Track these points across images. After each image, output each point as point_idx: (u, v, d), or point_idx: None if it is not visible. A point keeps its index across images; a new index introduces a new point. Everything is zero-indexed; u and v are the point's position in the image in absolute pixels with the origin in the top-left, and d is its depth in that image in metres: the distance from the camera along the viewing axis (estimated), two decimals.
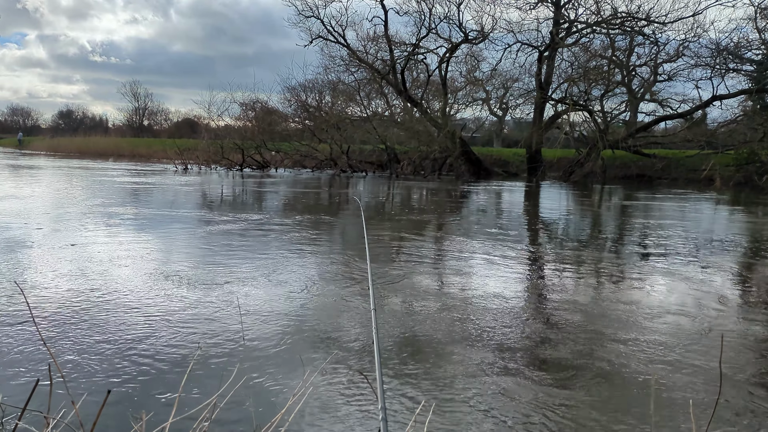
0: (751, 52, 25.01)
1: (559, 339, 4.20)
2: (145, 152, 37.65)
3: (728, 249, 8.71)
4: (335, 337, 4.08)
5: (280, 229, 9.17)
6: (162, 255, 6.79)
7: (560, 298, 5.39)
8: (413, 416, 2.87)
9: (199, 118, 39.02)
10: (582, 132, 28.31)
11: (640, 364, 3.74)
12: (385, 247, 7.86)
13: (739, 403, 3.22)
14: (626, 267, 7.07)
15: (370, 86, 28.48)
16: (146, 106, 64.36)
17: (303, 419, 2.87)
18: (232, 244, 7.65)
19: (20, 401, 2.31)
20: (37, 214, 9.74)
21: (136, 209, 11.03)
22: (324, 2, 27.30)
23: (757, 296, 5.83)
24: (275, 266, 6.27)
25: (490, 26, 26.71)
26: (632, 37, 26.36)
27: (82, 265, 6.05)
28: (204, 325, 4.23)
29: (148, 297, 4.91)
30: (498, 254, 7.49)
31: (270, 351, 3.77)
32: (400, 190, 19.30)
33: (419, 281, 5.91)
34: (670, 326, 4.58)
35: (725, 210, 15.89)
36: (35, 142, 53.75)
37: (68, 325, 4.12)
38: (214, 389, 3.09)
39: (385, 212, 12.63)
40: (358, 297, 5.15)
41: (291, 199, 14.96)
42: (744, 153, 24.48)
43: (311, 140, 28.33)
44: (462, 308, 4.92)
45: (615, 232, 10.74)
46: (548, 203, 16.71)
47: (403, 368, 3.55)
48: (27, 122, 77.61)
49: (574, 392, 3.30)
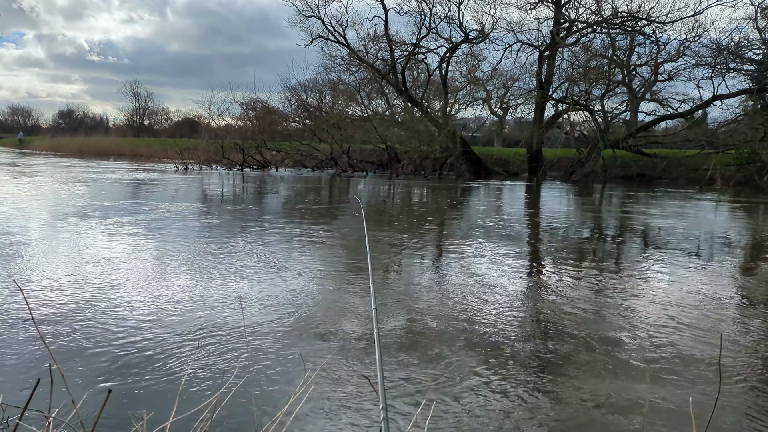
0: (751, 51, 25.04)
1: (557, 330, 4.20)
2: (146, 152, 37.65)
3: (728, 248, 8.71)
4: (335, 331, 4.08)
5: (280, 229, 9.17)
6: (161, 254, 6.78)
7: (560, 295, 5.39)
8: (414, 415, 2.87)
9: (199, 118, 39.04)
10: (582, 131, 28.30)
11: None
12: (384, 247, 7.86)
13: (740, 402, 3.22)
14: (626, 266, 7.07)
15: (370, 86, 28.48)
16: (146, 106, 64.36)
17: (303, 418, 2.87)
18: (232, 244, 7.66)
19: (20, 401, 2.31)
20: (38, 214, 9.75)
21: (135, 208, 11.04)
22: (324, 2, 27.37)
23: (757, 295, 5.83)
24: (276, 263, 6.27)
25: (491, 26, 26.72)
26: (633, 36, 26.37)
27: (81, 265, 6.05)
28: (204, 322, 4.23)
29: (148, 296, 4.91)
30: (498, 253, 7.49)
31: (271, 346, 3.77)
32: (401, 190, 19.30)
33: (419, 281, 5.90)
34: (670, 324, 4.58)
35: (725, 210, 15.87)
36: (35, 141, 53.75)
37: (68, 325, 4.12)
38: (214, 388, 3.09)
39: (385, 212, 12.62)
40: (357, 296, 5.15)
41: (291, 199, 14.96)
42: (744, 153, 24.47)
43: (312, 140, 28.33)
44: (468, 302, 4.92)
45: (615, 231, 10.73)
46: (549, 203, 16.70)
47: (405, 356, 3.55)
48: (27, 122, 77.62)
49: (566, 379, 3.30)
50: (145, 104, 64.11)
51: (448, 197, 16.95)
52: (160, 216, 10.09)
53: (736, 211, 15.38)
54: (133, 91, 63.35)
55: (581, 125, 28.42)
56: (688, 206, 15.90)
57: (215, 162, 27.29)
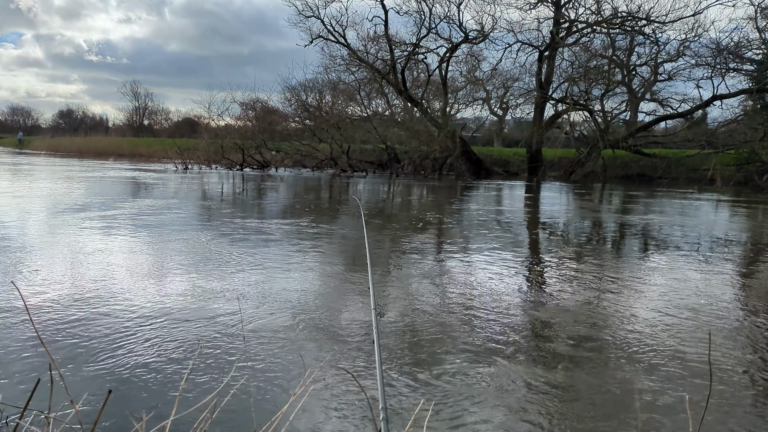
0: (751, 51, 25.04)
1: (555, 324, 4.20)
2: (146, 152, 37.65)
3: (729, 247, 8.71)
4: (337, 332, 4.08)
5: (280, 229, 9.17)
6: (160, 253, 6.79)
7: (559, 293, 5.39)
8: (413, 414, 2.87)
9: (199, 118, 39.05)
10: (582, 131, 28.31)
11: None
12: (384, 247, 7.86)
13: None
14: (627, 265, 7.07)
15: (370, 86, 28.48)
16: (146, 106, 64.32)
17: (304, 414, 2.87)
18: (232, 245, 7.66)
19: (21, 401, 2.32)
20: (37, 214, 9.74)
21: (135, 206, 11.04)
22: (324, 2, 27.36)
23: (757, 294, 5.83)
24: (278, 264, 6.28)
25: (491, 26, 26.71)
26: (632, 36, 26.38)
27: (81, 264, 6.05)
28: (204, 319, 4.23)
29: (148, 295, 4.91)
30: (498, 252, 7.49)
31: (272, 343, 3.77)
32: (401, 190, 19.30)
33: (418, 282, 5.90)
34: (669, 322, 4.58)
35: (725, 209, 15.88)
36: (35, 141, 53.71)
37: (69, 324, 4.12)
38: (214, 387, 3.09)
39: (385, 212, 12.62)
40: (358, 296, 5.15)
41: (291, 199, 14.96)
42: (744, 153, 24.47)
43: (311, 140, 28.33)
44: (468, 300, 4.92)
45: (615, 230, 10.72)
46: (549, 202, 16.70)
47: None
48: (27, 122, 77.58)
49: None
50: (145, 104, 64.13)
51: (449, 197, 16.94)
52: (159, 217, 10.09)
53: (736, 211, 15.38)
54: (133, 91, 63.36)
55: (581, 125, 28.45)
56: (689, 206, 15.90)
57: (215, 162, 27.29)
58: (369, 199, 15.51)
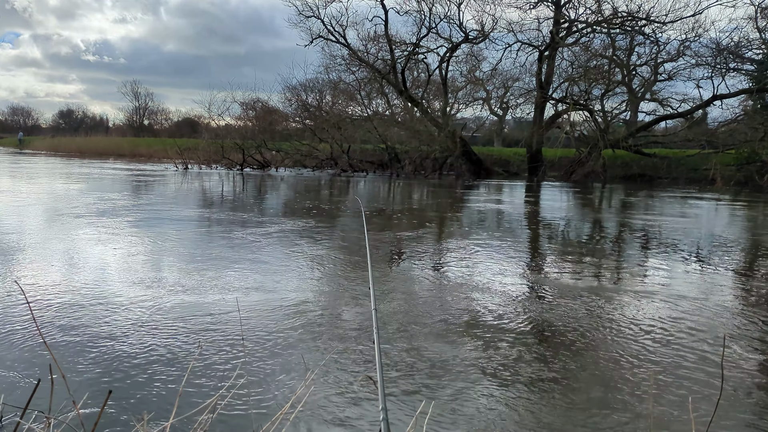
0: (751, 51, 25.05)
1: (554, 318, 4.20)
2: (146, 152, 37.64)
3: (729, 246, 8.71)
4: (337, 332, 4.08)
5: (280, 229, 9.17)
6: (161, 252, 6.79)
7: (560, 293, 5.39)
8: (414, 416, 2.87)
9: (199, 118, 39.06)
10: (582, 131, 28.29)
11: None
12: (384, 247, 7.86)
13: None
14: (627, 264, 7.07)
15: (370, 86, 28.46)
16: (146, 106, 64.30)
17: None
18: (232, 245, 7.66)
19: (21, 401, 2.32)
20: (37, 214, 9.74)
21: (134, 206, 11.04)
22: (324, 2, 27.31)
23: (757, 294, 5.83)
24: (278, 263, 6.28)
25: (491, 26, 26.70)
26: (632, 36, 26.36)
27: (81, 263, 6.05)
28: (204, 318, 4.23)
29: (148, 294, 4.91)
30: (497, 252, 7.49)
31: (271, 342, 3.77)
32: (401, 190, 19.30)
33: (419, 282, 5.91)
34: (669, 320, 4.58)
35: (726, 209, 15.88)
36: (35, 141, 53.71)
37: (69, 323, 4.12)
38: (214, 387, 3.09)
39: (385, 212, 12.62)
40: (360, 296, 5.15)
41: (292, 199, 14.96)
42: (744, 152, 24.46)
43: (312, 140, 28.32)
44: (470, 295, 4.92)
45: (616, 229, 10.72)
46: (549, 202, 16.70)
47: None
48: (27, 122, 77.59)
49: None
50: (145, 104, 64.11)
51: (449, 197, 16.94)
52: (160, 215, 10.09)
53: (736, 211, 15.38)
54: (133, 91, 63.33)
55: (581, 125, 28.42)
56: (688, 206, 15.89)
57: (215, 162, 27.27)
58: (369, 199, 15.51)
